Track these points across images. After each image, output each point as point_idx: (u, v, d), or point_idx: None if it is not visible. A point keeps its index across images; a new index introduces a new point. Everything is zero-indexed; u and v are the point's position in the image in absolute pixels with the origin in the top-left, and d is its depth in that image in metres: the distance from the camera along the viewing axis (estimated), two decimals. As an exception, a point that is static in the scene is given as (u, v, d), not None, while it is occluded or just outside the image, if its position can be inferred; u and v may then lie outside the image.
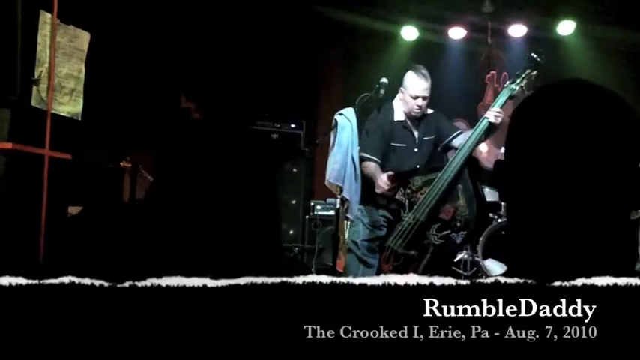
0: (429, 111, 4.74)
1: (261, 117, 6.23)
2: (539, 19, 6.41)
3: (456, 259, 5.72)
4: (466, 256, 5.98)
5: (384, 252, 4.45)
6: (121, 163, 4.94)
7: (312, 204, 6.36)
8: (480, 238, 5.67)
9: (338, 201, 4.62)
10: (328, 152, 4.84)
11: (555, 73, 5.92)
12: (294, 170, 6.49)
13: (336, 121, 4.69)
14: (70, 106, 4.72)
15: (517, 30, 6.55)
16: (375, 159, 4.56)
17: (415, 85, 4.60)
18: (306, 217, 6.45)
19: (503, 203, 6.13)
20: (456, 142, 4.60)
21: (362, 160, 4.59)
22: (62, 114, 4.61)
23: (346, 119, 4.66)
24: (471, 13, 6.53)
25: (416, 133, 4.69)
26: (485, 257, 5.74)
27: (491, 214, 5.85)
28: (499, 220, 5.88)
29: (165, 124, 4.70)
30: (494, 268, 5.73)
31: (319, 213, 6.19)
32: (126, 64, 5.17)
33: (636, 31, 5.49)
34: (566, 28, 6.39)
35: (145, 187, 4.97)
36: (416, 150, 4.66)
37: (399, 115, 4.69)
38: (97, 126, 4.91)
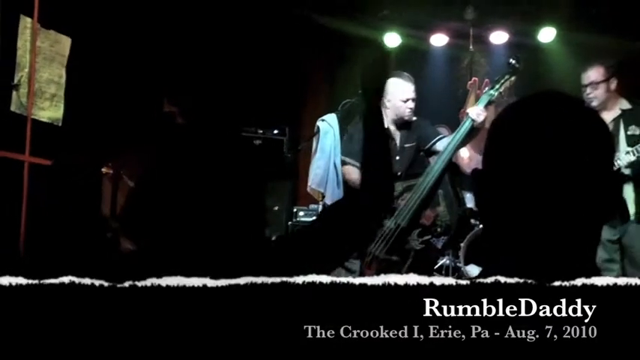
0: (413, 118, 4.76)
1: (244, 122, 6.22)
2: (521, 25, 6.46)
3: (437, 265, 5.74)
4: (448, 261, 5.99)
5: (366, 257, 4.45)
6: (103, 169, 4.90)
7: (295, 210, 6.35)
8: (462, 244, 5.69)
9: (320, 207, 4.63)
10: (311, 158, 4.85)
11: (537, 80, 5.98)
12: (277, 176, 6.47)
13: (318, 127, 4.69)
14: (50, 111, 4.68)
15: (499, 37, 6.59)
16: (354, 162, 4.56)
17: (403, 89, 4.61)
18: (289, 223, 6.44)
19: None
20: (439, 145, 4.61)
21: (343, 163, 4.58)
22: (43, 119, 4.57)
23: (328, 125, 4.66)
24: (453, 20, 6.56)
25: (397, 141, 4.70)
26: (467, 263, 5.76)
27: (473, 220, 5.87)
28: (481, 226, 5.91)
29: (148, 129, 4.69)
30: (476, 273, 5.75)
31: (302, 219, 6.18)
32: (107, 69, 5.13)
33: (617, 38, 5.54)
34: (547, 35, 6.44)
35: (126, 193, 4.93)
36: (397, 158, 4.67)
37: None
38: (78, 131, 4.87)
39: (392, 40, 6.81)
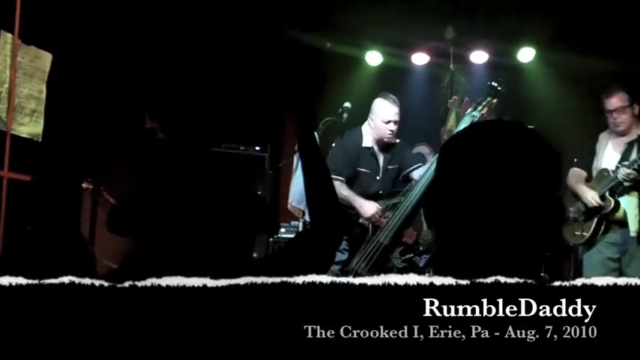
0: (395, 140, 4.79)
1: (226, 138, 6.21)
2: (500, 45, 6.52)
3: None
4: (427, 275, 5.99)
5: (348, 275, 4.44)
6: (83, 185, 4.86)
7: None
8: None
9: (300, 224, 4.62)
10: (292, 175, 4.84)
11: (516, 100, 6.03)
12: (259, 193, 6.44)
13: (298, 143, 4.69)
14: (30, 127, 4.64)
15: (478, 56, 6.65)
16: (339, 177, 4.57)
17: (386, 110, 4.65)
18: (270, 239, 6.41)
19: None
20: (416, 174, 4.65)
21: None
22: (22, 135, 4.53)
23: (309, 142, 4.66)
24: (433, 39, 6.62)
25: (381, 161, 4.72)
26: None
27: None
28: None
29: (129, 145, 4.67)
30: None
31: (283, 236, 6.16)
32: (88, 85, 5.11)
33: (595, 58, 5.62)
34: (526, 55, 6.51)
35: (106, 209, 4.88)
36: (378, 178, 4.69)
37: (367, 142, 4.72)
38: (58, 147, 4.84)
39: (374, 58, 6.85)
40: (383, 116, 4.65)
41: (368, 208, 4.40)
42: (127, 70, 5.44)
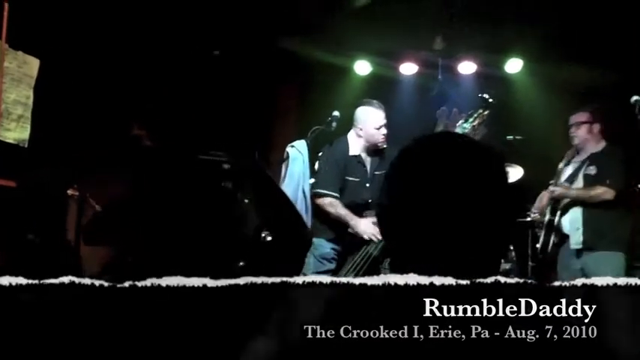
0: (384, 145, 4.79)
1: (213, 146, 6.18)
2: (488, 56, 6.56)
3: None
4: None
5: (337, 284, 4.43)
6: (68, 191, 4.82)
7: (263, 235, 6.30)
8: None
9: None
10: (279, 184, 4.81)
11: (504, 111, 6.06)
12: (246, 201, 6.41)
13: (287, 153, 4.68)
14: (16, 132, 4.61)
15: (467, 67, 6.69)
16: (333, 194, 4.56)
17: (376, 116, 4.67)
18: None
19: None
20: None
21: (319, 195, 4.57)
22: (8, 140, 4.50)
23: (297, 151, 4.65)
24: (422, 50, 6.65)
25: (368, 168, 4.71)
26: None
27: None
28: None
29: (115, 151, 4.64)
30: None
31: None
32: (75, 91, 5.08)
33: (583, 70, 5.67)
34: (514, 66, 6.56)
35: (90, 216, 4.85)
36: (368, 185, 4.68)
37: (354, 150, 4.71)
38: (44, 153, 4.81)
39: (362, 68, 6.86)
40: (374, 123, 4.65)
41: (364, 226, 4.39)
42: (115, 77, 5.42)
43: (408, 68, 6.82)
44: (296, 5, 5.99)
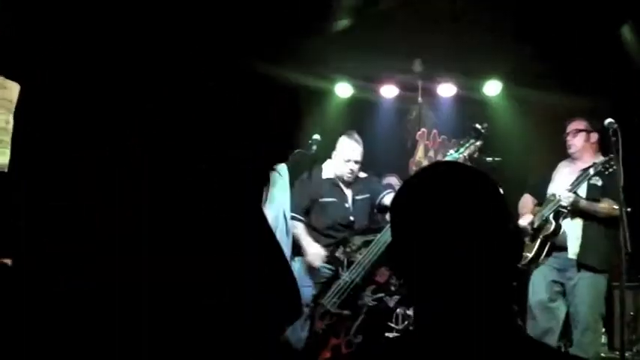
0: (363, 175, 4.83)
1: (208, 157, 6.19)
2: (467, 79, 6.61)
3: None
4: (399, 310, 6.01)
5: (318, 309, 4.44)
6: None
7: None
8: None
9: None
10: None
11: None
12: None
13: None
14: (-4, 156, 4.60)
15: (446, 89, 6.74)
16: (298, 216, 4.62)
17: (348, 149, 4.72)
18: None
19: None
20: (387, 200, 4.68)
21: (292, 219, 4.62)
22: (-12, 165, 4.49)
23: (278, 175, 4.69)
24: (402, 72, 6.70)
25: (347, 192, 4.75)
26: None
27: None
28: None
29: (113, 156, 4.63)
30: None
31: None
32: (57, 116, 5.08)
33: (561, 93, 5.72)
34: (492, 88, 6.62)
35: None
36: (347, 205, 4.71)
37: (327, 174, 4.76)
38: (24, 178, 4.78)
39: (343, 90, 6.91)
40: (344, 155, 4.72)
41: (312, 252, 4.47)
42: (99, 102, 5.42)
43: (389, 91, 6.87)
44: (276, 28, 6.02)
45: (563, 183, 4.71)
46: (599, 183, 4.59)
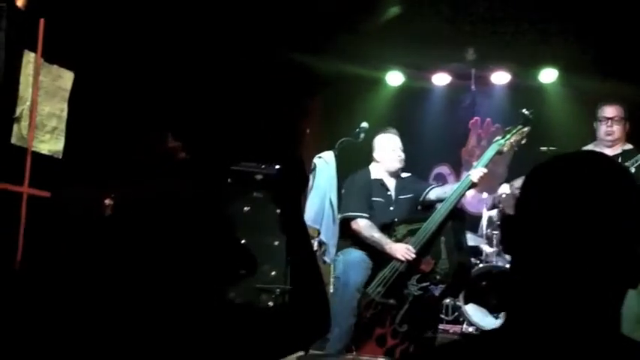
0: (405, 174, 4.80)
1: (245, 158, 6.25)
2: (522, 66, 6.50)
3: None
4: (448, 300, 5.95)
5: (363, 299, 4.43)
6: (105, 201, 4.90)
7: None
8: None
9: (316, 243, 4.62)
10: (307, 195, 4.85)
11: (536, 120, 5.98)
12: (278, 211, 6.43)
13: (314, 164, 4.72)
14: (51, 144, 4.72)
15: (500, 77, 6.64)
16: (364, 215, 4.56)
17: (388, 141, 4.73)
18: (288, 258, 6.42)
19: (485, 249, 6.12)
20: (432, 195, 4.63)
21: (352, 218, 4.57)
22: (43, 152, 4.60)
23: (325, 162, 4.70)
24: (454, 61, 6.62)
25: (392, 191, 4.73)
26: (466, 302, 5.71)
27: (473, 259, 5.83)
28: (480, 265, 5.87)
29: (150, 162, 4.71)
30: (476, 313, 5.70)
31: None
32: (109, 103, 5.19)
33: (618, 82, 5.56)
34: (548, 76, 6.48)
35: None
36: (391, 208, 4.68)
37: (375, 174, 4.75)
38: (79, 164, 4.91)
39: (395, 79, 6.86)
40: (388, 146, 4.71)
41: (398, 250, 4.37)
42: (149, 89, 5.51)
43: (441, 79, 6.81)
44: (327, 18, 6.02)
45: None
46: (633, 170, 4.31)
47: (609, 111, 4.54)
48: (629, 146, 4.52)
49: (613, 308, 1.04)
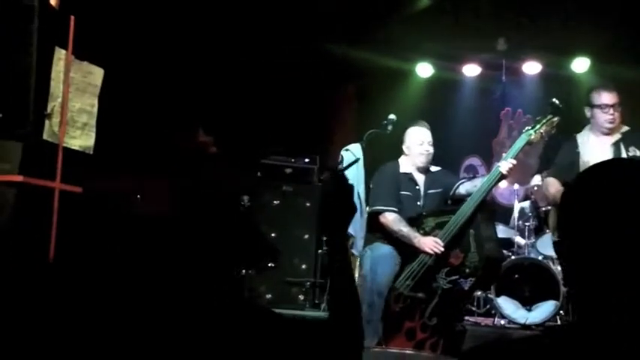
0: (435, 168, 4.75)
1: (276, 151, 6.27)
2: (554, 56, 6.41)
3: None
4: (479, 292, 5.91)
5: (392, 292, 4.40)
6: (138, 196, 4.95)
7: (324, 238, 6.33)
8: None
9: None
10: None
11: (569, 111, 5.89)
12: (307, 204, 6.46)
13: (342, 156, 4.71)
14: (82, 139, 4.76)
15: (531, 67, 6.56)
16: (393, 208, 4.52)
17: (417, 134, 4.66)
18: (319, 251, 6.43)
19: (517, 241, 6.07)
20: (462, 189, 4.57)
21: (380, 212, 4.54)
22: (74, 147, 4.65)
23: (352, 155, 4.68)
24: (485, 51, 6.56)
25: (421, 186, 4.68)
26: (498, 295, 5.66)
27: (505, 251, 5.77)
28: (512, 257, 5.81)
29: (180, 157, 4.74)
30: (508, 306, 5.65)
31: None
32: (140, 99, 5.23)
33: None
34: (580, 65, 6.38)
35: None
36: (420, 202, 4.63)
37: (404, 168, 4.70)
38: (110, 159, 4.95)
39: (424, 70, 6.81)
40: (417, 139, 4.64)
41: (427, 243, 4.33)
42: (178, 84, 5.55)
43: (471, 70, 6.75)
44: (356, 10, 6.00)
45: (599, 159, 4.41)
46: (638, 152, 4.28)
47: (609, 98, 4.40)
48: (625, 128, 4.41)
49: None
